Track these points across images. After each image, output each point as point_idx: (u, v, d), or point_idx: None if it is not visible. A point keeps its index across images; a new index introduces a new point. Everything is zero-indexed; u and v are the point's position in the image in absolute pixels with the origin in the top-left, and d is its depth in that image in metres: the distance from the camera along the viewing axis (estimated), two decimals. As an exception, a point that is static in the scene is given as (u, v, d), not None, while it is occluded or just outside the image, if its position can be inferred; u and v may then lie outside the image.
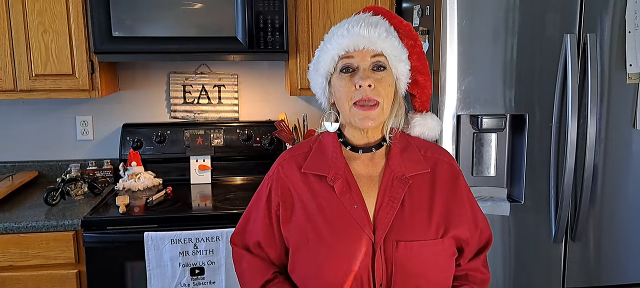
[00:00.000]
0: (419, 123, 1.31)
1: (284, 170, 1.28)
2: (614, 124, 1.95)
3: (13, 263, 2.04)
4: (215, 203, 2.31)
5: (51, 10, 2.23)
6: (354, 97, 1.17)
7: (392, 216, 1.18)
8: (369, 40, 1.17)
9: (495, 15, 1.86)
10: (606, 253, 2.03)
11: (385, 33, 1.20)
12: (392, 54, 1.20)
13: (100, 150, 2.70)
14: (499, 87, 1.90)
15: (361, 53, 1.18)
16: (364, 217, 1.18)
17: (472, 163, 1.98)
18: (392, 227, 1.17)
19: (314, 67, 1.28)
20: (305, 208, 1.22)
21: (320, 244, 1.18)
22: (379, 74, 1.18)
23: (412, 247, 1.16)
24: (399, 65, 1.22)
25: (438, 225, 1.20)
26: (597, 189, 1.98)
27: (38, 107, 2.64)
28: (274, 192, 1.26)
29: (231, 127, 2.68)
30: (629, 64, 1.91)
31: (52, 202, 2.23)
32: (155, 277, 2.03)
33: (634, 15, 1.89)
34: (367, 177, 1.24)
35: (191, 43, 2.24)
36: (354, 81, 1.16)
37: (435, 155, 1.29)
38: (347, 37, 1.18)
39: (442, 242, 1.19)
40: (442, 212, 1.21)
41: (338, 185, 1.20)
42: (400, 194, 1.20)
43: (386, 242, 1.16)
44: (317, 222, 1.19)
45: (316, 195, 1.22)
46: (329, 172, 1.22)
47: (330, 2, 2.37)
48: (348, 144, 1.26)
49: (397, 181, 1.21)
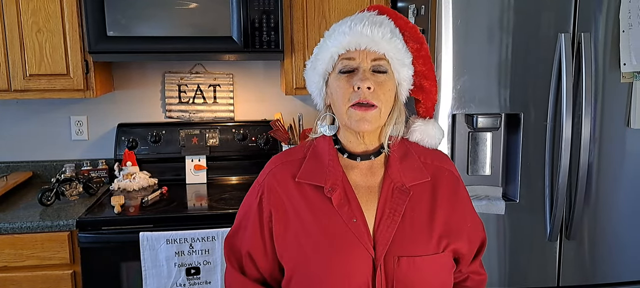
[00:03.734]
0: (419, 129, 1.24)
1: (276, 178, 1.19)
2: (608, 123, 1.96)
3: (7, 264, 2.03)
4: (210, 203, 2.30)
5: (45, 10, 2.22)
6: (352, 99, 1.10)
7: (394, 231, 1.12)
8: (371, 40, 1.10)
9: (490, 14, 1.86)
10: (600, 251, 2.04)
11: (390, 34, 1.13)
12: (395, 57, 1.13)
13: (95, 150, 2.70)
14: (494, 87, 1.90)
15: (362, 53, 1.11)
16: (364, 231, 1.12)
17: (468, 162, 1.98)
18: (393, 241, 1.11)
19: (311, 65, 1.20)
20: (301, 222, 1.14)
21: (318, 261, 1.11)
22: (380, 77, 1.11)
23: (414, 262, 1.10)
24: (402, 70, 1.15)
25: (439, 238, 1.14)
26: (592, 188, 1.99)
27: (32, 107, 2.63)
28: (265, 201, 1.18)
29: (226, 126, 2.67)
30: (623, 63, 1.92)
31: (47, 203, 2.22)
32: (151, 277, 2.03)
33: (628, 14, 1.90)
34: (365, 187, 1.17)
35: (186, 43, 2.24)
36: (352, 82, 1.09)
37: (435, 162, 1.23)
38: (348, 34, 1.11)
39: (443, 256, 1.14)
40: (443, 224, 1.15)
41: (336, 197, 1.13)
42: (401, 207, 1.14)
43: (387, 257, 1.10)
44: (314, 237, 1.12)
45: (312, 207, 1.14)
46: (326, 182, 1.15)
47: (325, 2, 2.37)
48: (345, 152, 1.19)
49: (397, 192, 1.15)
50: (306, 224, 1.14)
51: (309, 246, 1.13)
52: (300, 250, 1.13)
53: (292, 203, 1.16)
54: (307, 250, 1.13)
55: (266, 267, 1.20)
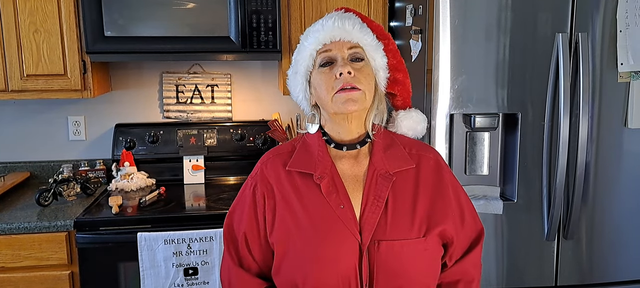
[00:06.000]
0: (405, 116, 1.31)
1: (267, 168, 1.26)
2: (605, 123, 1.96)
3: (5, 265, 2.03)
4: (208, 203, 2.30)
5: (42, 10, 2.21)
6: (335, 87, 1.16)
7: (378, 216, 1.17)
8: (344, 31, 1.20)
9: (488, 14, 1.87)
10: (598, 250, 2.04)
11: (359, 25, 1.22)
12: (369, 44, 1.22)
13: (92, 150, 2.69)
14: (492, 86, 1.90)
15: (338, 44, 1.20)
16: (351, 217, 1.17)
17: (465, 162, 1.99)
18: (378, 226, 1.16)
19: (292, 70, 1.28)
20: (291, 209, 1.20)
21: (306, 247, 1.16)
22: (358, 64, 1.19)
23: (392, 246, 1.15)
24: (376, 57, 1.24)
25: (421, 223, 1.18)
26: (589, 187, 1.99)
27: (30, 108, 2.63)
28: (259, 191, 1.25)
29: (224, 126, 2.67)
30: (620, 63, 1.93)
31: (45, 203, 2.21)
32: (149, 278, 2.03)
33: (625, 14, 1.90)
34: (352, 176, 1.22)
35: (184, 43, 2.24)
36: (334, 72, 1.17)
37: (420, 151, 1.28)
38: (322, 31, 1.21)
39: (425, 240, 1.18)
40: (426, 209, 1.20)
41: (325, 185, 1.19)
42: (384, 193, 1.19)
43: (371, 242, 1.15)
44: (302, 223, 1.18)
45: (301, 195, 1.20)
46: (315, 170, 1.21)
47: (323, 2, 2.37)
48: (332, 142, 1.25)
49: (380, 178, 1.20)
50: (295, 211, 1.19)
51: (297, 233, 1.18)
52: (289, 236, 1.19)
53: (281, 191, 1.22)
54: (295, 237, 1.18)
55: (260, 254, 1.25)
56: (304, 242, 1.17)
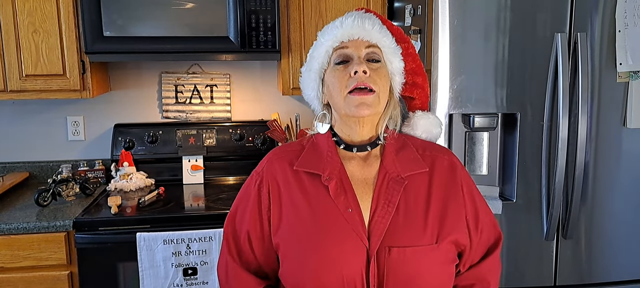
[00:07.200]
0: (422, 115, 1.28)
1: (273, 166, 1.22)
2: (604, 123, 1.96)
3: (4, 265, 2.03)
4: (207, 203, 2.30)
5: (41, 10, 2.21)
6: (349, 86, 1.12)
7: (387, 222, 1.12)
8: (363, 29, 1.16)
9: (487, 14, 1.87)
10: (597, 250, 2.05)
11: (379, 26, 1.19)
12: (387, 46, 1.19)
13: (91, 150, 2.69)
14: (491, 86, 1.90)
15: (356, 43, 1.16)
16: (359, 222, 1.12)
17: (465, 162, 1.99)
18: (387, 232, 1.12)
19: (306, 67, 1.24)
20: (297, 210, 1.16)
21: (312, 250, 1.12)
22: (374, 65, 1.15)
23: (404, 253, 1.10)
24: (394, 60, 1.20)
25: (433, 229, 1.14)
26: (588, 187, 1.99)
27: (29, 108, 2.63)
28: (264, 189, 1.21)
29: (223, 127, 2.67)
30: (619, 63, 1.93)
31: (44, 203, 2.21)
32: (148, 278, 2.03)
33: (624, 14, 1.90)
34: (361, 179, 1.18)
35: (183, 43, 2.23)
36: (348, 70, 1.13)
37: (434, 153, 1.24)
38: (340, 28, 1.17)
39: (437, 247, 1.13)
40: (439, 214, 1.16)
41: (332, 186, 1.15)
42: (395, 198, 1.14)
43: (380, 248, 1.11)
44: (307, 223, 1.14)
45: (308, 196, 1.16)
46: (324, 171, 1.16)
47: (322, 2, 2.37)
48: (342, 143, 1.21)
49: (392, 182, 1.16)
50: (301, 213, 1.15)
51: (303, 235, 1.14)
52: (294, 238, 1.15)
53: (288, 191, 1.18)
54: (301, 239, 1.14)
55: (261, 250, 1.21)
56: (309, 245, 1.13)
